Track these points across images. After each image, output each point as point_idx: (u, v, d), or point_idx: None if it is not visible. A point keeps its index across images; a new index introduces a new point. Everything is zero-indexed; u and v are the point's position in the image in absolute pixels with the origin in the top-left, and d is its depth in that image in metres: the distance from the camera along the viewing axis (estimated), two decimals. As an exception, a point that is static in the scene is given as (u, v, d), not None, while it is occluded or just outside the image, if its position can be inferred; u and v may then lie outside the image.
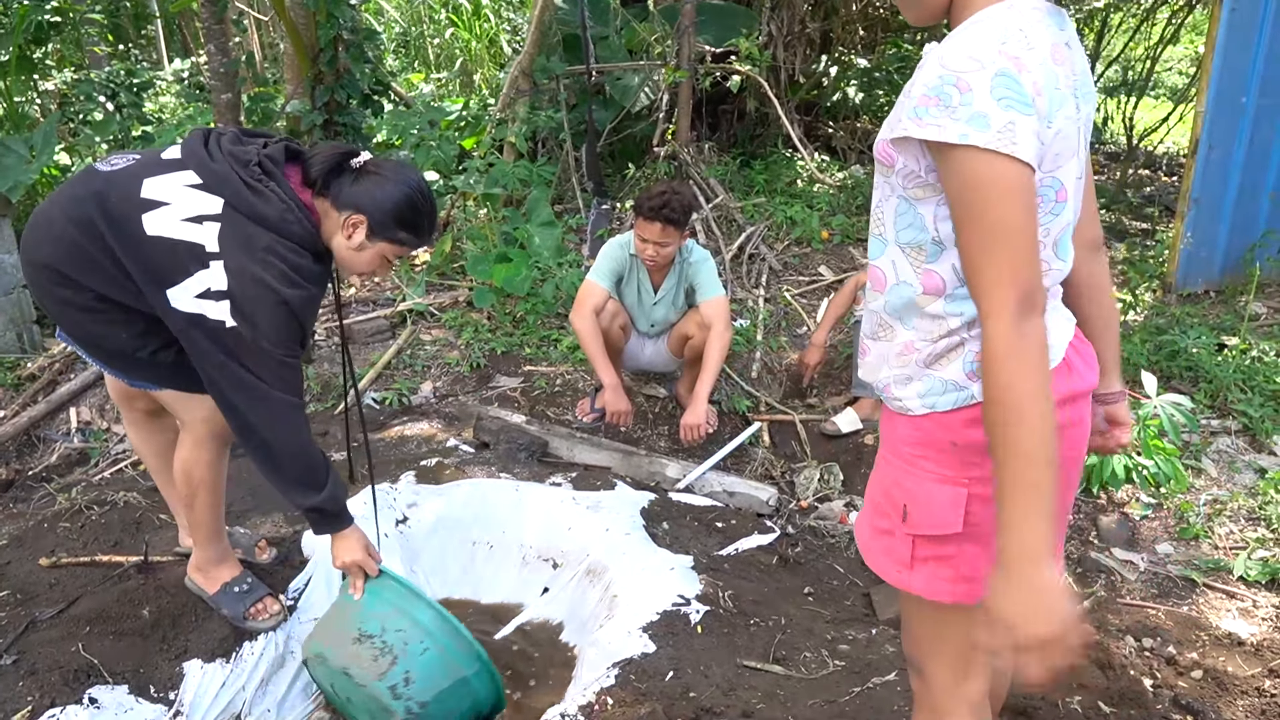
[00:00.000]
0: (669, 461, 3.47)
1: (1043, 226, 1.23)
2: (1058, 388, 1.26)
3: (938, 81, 1.13)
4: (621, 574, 2.58)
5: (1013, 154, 1.10)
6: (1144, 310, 4.73)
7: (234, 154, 1.97)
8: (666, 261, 3.48)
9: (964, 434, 1.28)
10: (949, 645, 1.41)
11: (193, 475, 2.25)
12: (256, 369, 1.93)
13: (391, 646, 2.05)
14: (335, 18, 5.63)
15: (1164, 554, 3.06)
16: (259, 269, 1.90)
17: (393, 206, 2.03)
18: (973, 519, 1.29)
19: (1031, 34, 1.17)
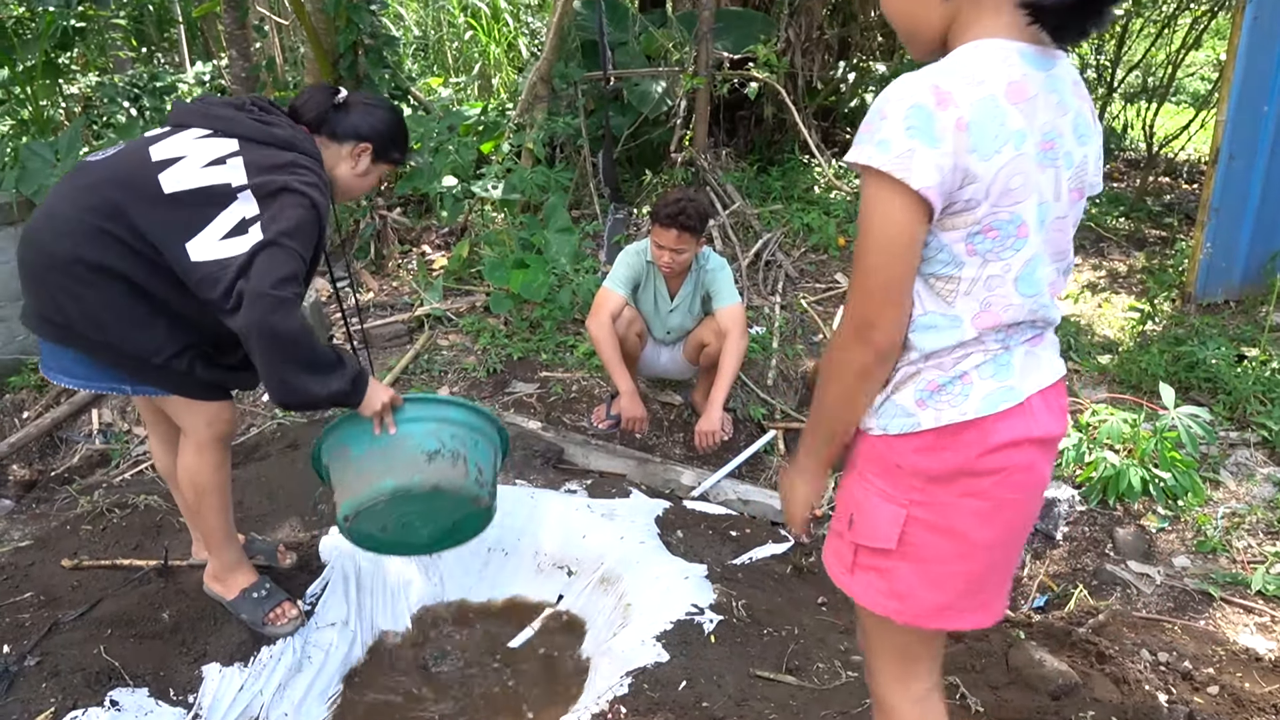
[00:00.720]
0: (684, 469, 3.48)
1: (1002, 261, 1.27)
2: (1011, 429, 1.32)
3: (872, 109, 1.23)
4: (635, 582, 2.59)
5: (905, 180, 1.18)
6: (1163, 320, 4.71)
7: (229, 102, 2.14)
8: (683, 269, 3.49)
9: (909, 459, 1.34)
10: (890, 646, 1.49)
11: (198, 481, 2.27)
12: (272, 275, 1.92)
13: (457, 451, 2.24)
14: (355, 23, 5.68)
15: (1181, 567, 3.05)
16: (288, 178, 2.03)
17: (388, 130, 2.29)
18: (908, 539, 1.36)
19: (988, 73, 1.21)
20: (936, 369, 1.32)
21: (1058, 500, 3.33)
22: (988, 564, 1.39)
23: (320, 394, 2.03)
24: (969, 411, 1.30)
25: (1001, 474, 1.32)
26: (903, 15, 1.33)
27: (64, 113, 7.37)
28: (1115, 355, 4.43)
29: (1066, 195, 1.32)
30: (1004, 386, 1.31)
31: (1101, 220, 6.53)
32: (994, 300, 1.29)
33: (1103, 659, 2.53)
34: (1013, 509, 1.37)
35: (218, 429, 2.23)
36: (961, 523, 1.34)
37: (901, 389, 1.34)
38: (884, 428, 1.36)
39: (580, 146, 6.15)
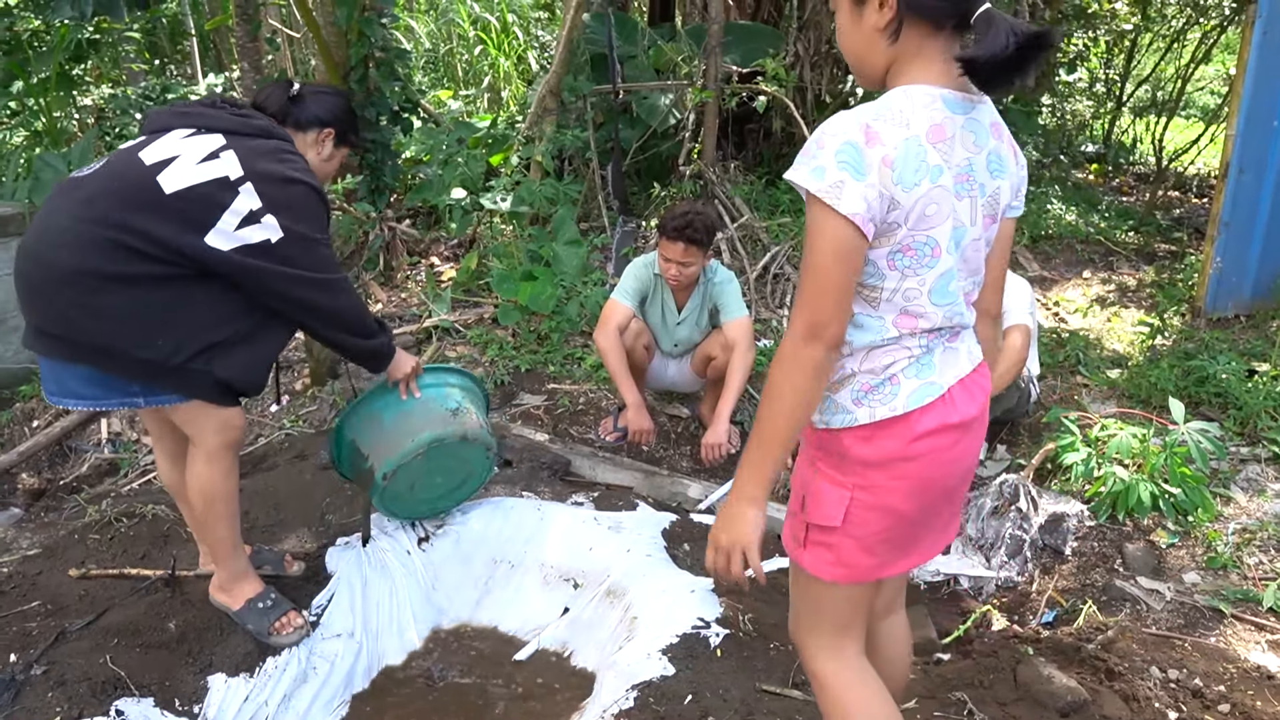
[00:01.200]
0: (691, 482, 3.47)
1: (918, 276, 1.46)
2: (933, 419, 1.52)
3: (811, 139, 1.40)
4: (642, 595, 2.58)
5: (835, 207, 1.34)
6: (1172, 334, 4.69)
7: (200, 103, 2.24)
8: (690, 281, 3.49)
9: (850, 449, 1.53)
10: (828, 615, 1.67)
11: (207, 489, 2.28)
12: (311, 264, 2.18)
13: (469, 408, 2.76)
14: (367, 36, 5.71)
15: (1191, 583, 3.02)
16: (283, 168, 2.14)
17: (344, 113, 2.45)
18: (851, 518, 1.54)
19: (913, 116, 1.40)
20: (869, 374, 1.51)
21: (1066, 515, 3.31)
22: (915, 526, 1.61)
23: (364, 348, 2.41)
24: (898, 407, 1.50)
25: (926, 457, 1.53)
26: (853, 52, 1.51)
27: (77, 124, 7.44)
28: (1124, 370, 4.42)
29: (981, 221, 1.52)
30: (926, 383, 1.52)
31: (1110, 234, 6.52)
32: (911, 307, 1.48)
33: (1112, 676, 2.51)
34: (936, 484, 1.58)
35: (227, 436, 2.24)
36: (893, 500, 1.54)
37: (837, 388, 1.53)
38: (826, 422, 1.55)
39: (589, 159, 6.17)
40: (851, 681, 1.67)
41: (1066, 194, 7.28)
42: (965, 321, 1.57)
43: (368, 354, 2.45)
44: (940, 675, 2.54)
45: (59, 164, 4.82)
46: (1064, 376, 4.42)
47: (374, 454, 2.63)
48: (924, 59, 1.43)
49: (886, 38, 1.43)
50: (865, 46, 1.48)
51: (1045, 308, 5.35)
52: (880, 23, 1.43)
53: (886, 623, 1.88)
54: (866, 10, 1.44)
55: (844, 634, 1.68)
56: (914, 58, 1.44)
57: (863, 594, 1.67)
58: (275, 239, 2.10)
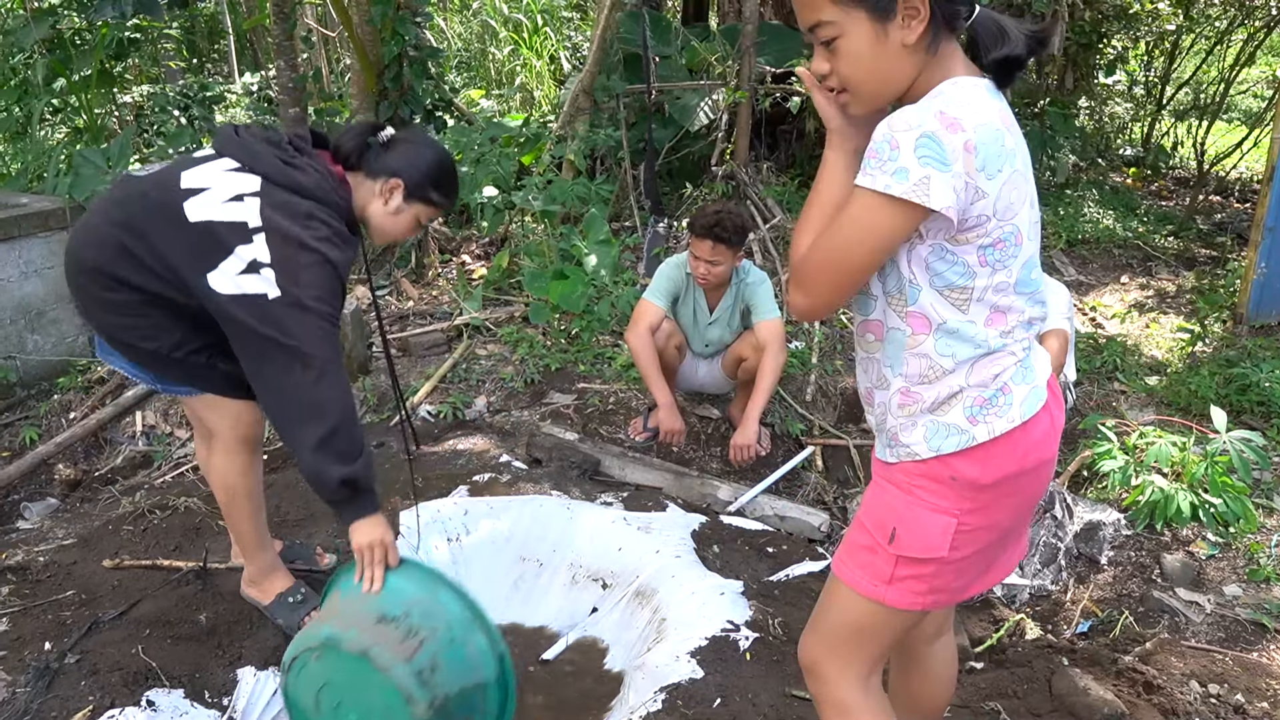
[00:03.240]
0: (721, 484, 3.45)
1: (1006, 269, 1.39)
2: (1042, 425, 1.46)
3: (880, 139, 1.31)
4: (670, 597, 2.57)
5: (924, 203, 1.28)
6: (1213, 341, 4.60)
7: (266, 137, 2.09)
8: (719, 281, 3.47)
9: (964, 471, 1.44)
10: (874, 643, 1.57)
11: (227, 482, 2.29)
12: (300, 334, 1.92)
13: (419, 629, 1.87)
14: (400, 35, 5.74)
15: (1232, 596, 2.96)
16: (302, 232, 1.97)
17: (426, 168, 2.18)
18: (956, 544, 1.46)
19: (980, 102, 1.34)
20: (979, 387, 1.43)
21: (1103, 524, 3.25)
22: (1005, 541, 1.56)
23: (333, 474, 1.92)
24: (1016, 418, 1.43)
25: (1038, 469, 1.48)
26: (876, 75, 1.39)
27: (117, 121, 7.54)
28: (1163, 376, 4.34)
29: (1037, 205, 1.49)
30: (1032, 388, 1.46)
31: (1149, 239, 6.42)
32: (1000, 303, 1.41)
33: (1150, 689, 2.45)
34: (1037, 492, 1.53)
35: (243, 431, 2.25)
36: (1000, 517, 1.49)
37: (945, 409, 1.45)
38: (937, 449, 1.45)
39: (621, 159, 6.16)
40: (879, 710, 1.60)
41: (1104, 197, 7.18)
42: (1041, 312, 1.51)
43: (329, 483, 1.93)
44: (973, 684, 2.50)
45: (98, 160, 4.88)
46: (1101, 382, 4.36)
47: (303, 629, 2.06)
48: (947, 58, 1.38)
49: (921, 51, 1.35)
50: (891, 67, 1.37)
51: (1082, 313, 5.27)
52: (911, 38, 1.33)
53: (938, 644, 1.82)
54: (891, 29, 1.33)
55: (879, 663, 1.62)
56: (940, 58, 1.38)
57: (919, 620, 1.60)
58: (271, 296, 1.92)
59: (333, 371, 1.95)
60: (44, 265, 4.49)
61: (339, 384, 1.97)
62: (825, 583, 1.66)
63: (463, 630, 1.91)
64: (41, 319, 4.53)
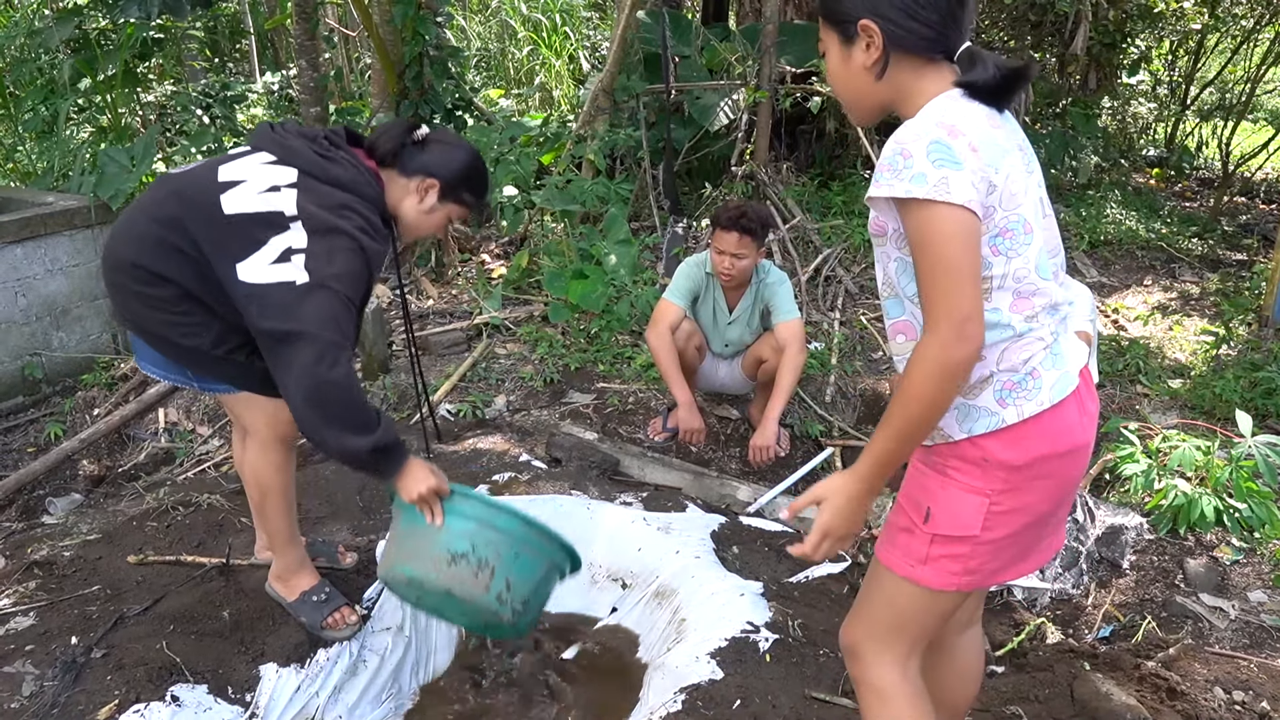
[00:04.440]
0: (740, 484, 3.45)
1: (1020, 256, 1.47)
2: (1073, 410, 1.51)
3: (890, 153, 1.40)
4: (690, 597, 2.57)
5: (948, 200, 1.35)
6: (1238, 345, 4.55)
7: (302, 132, 2.14)
8: (743, 277, 3.46)
9: (995, 452, 1.49)
10: (915, 625, 1.62)
11: (261, 479, 2.31)
12: (306, 316, 1.93)
13: (487, 560, 2.10)
14: (421, 35, 5.76)
15: (1257, 602, 2.93)
16: (338, 220, 2.02)
17: (461, 169, 2.24)
18: (989, 524, 1.51)
19: (969, 111, 1.44)
20: (1009, 371, 1.49)
21: (1125, 528, 3.23)
22: (1042, 525, 1.59)
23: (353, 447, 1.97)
24: (1045, 401, 1.48)
25: (1070, 455, 1.52)
26: (847, 91, 1.56)
27: (140, 120, 7.60)
28: (1187, 380, 4.30)
29: (1045, 199, 1.56)
30: (1063, 373, 1.51)
31: (1173, 240, 6.36)
32: (1023, 288, 1.47)
33: (1174, 695, 2.43)
34: (1073, 481, 1.57)
35: (279, 430, 2.26)
36: (1033, 499, 1.52)
37: (976, 393, 1.50)
38: (969, 430, 1.50)
39: (641, 159, 6.16)
40: (916, 695, 1.64)
41: (1126, 198, 7.12)
42: (1068, 297, 1.56)
43: (357, 456, 2.00)
44: (994, 688, 2.49)
45: (123, 159, 4.92)
46: (1123, 385, 4.32)
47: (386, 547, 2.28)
48: (930, 80, 1.48)
49: (874, 75, 1.48)
50: (857, 85, 1.53)
51: (1104, 315, 5.23)
52: (868, 61, 1.48)
53: (966, 635, 1.84)
54: (854, 51, 1.49)
55: (918, 646, 1.65)
56: (919, 82, 1.48)
57: (958, 603, 1.64)
58: (299, 282, 1.95)
59: (337, 353, 1.96)
60: (69, 263, 4.54)
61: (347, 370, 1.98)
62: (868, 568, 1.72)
63: (521, 543, 2.16)
64: (66, 316, 4.58)
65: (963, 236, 1.36)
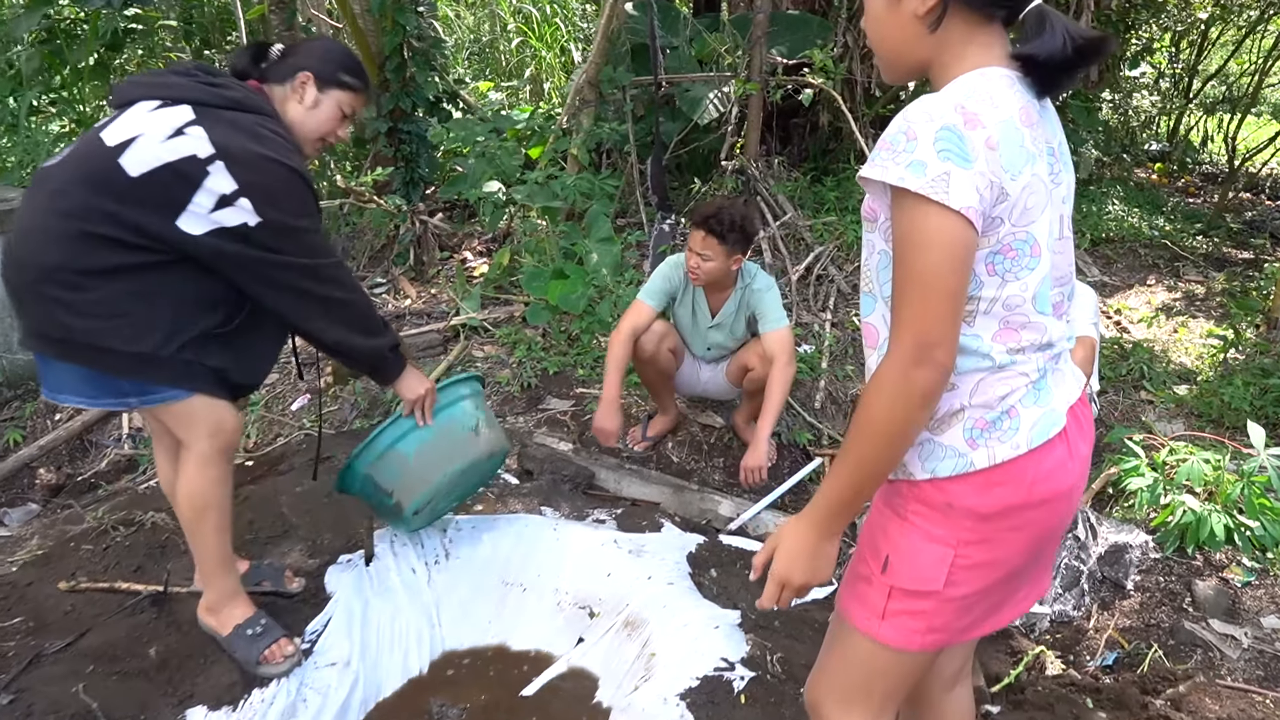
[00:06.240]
0: (722, 498, 3.26)
1: (1019, 281, 1.27)
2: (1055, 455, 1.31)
3: (894, 130, 1.21)
4: (661, 629, 2.38)
5: (944, 202, 1.15)
6: (1246, 348, 4.36)
7: (173, 71, 2.03)
8: (708, 278, 3.23)
9: (960, 499, 1.30)
10: (882, 685, 1.44)
11: (198, 496, 2.13)
12: (298, 251, 2.00)
13: (481, 419, 2.63)
14: (401, 26, 5.57)
15: (1271, 629, 2.75)
16: (259, 146, 1.94)
17: (326, 54, 2.19)
18: (954, 579, 1.32)
19: (999, 97, 1.23)
20: (982, 408, 1.30)
21: (1129, 546, 3.04)
22: (1018, 577, 1.41)
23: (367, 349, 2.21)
24: (1021, 444, 1.30)
25: (1049, 503, 1.33)
26: (888, 41, 1.34)
27: (119, 113, 7.39)
28: (1193, 385, 4.11)
29: (1066, 218, 1.36)
30: (1046, 411, 1.32)
31: (1176, 238, 6.16)
32: (1012, 319, 1.29)
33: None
34: (1053, 531, 1.40)
35: (220, 440, 2.09)
36: (1006, 553, 1.35)
37: (944, 428, 1.32)
38: (932, 470, 1.32)
39: (627, 153, 5.97)
40: None
41: (1128, 194, 6.93)
42: (1067, 333, 1.38)
43: (371, 355, 2.25)
44: (989, 731, 2.31)
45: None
46: (1127, 392, 4.13)
47: (399, 489, 2.50)
48: (979, 47, 1.27)
49: (926, 26, 1.28)
50: (902, 35, 1.31)
51: (1107, 316, 5.04)
52: (921, 9, 1.27)
53: (954, 694, 1.66)
54: None
55: (888, 706, 1.47)
56: (966, 46, 1.28)
57: (925, 663, 1.46)
58: (253, 223, 1.92)
59: (335, 271, 2.09)
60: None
61: (349, 276, 2.15)
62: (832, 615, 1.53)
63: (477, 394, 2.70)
64: (23, 318, 4.39)
65: (951, 248, 1.17)
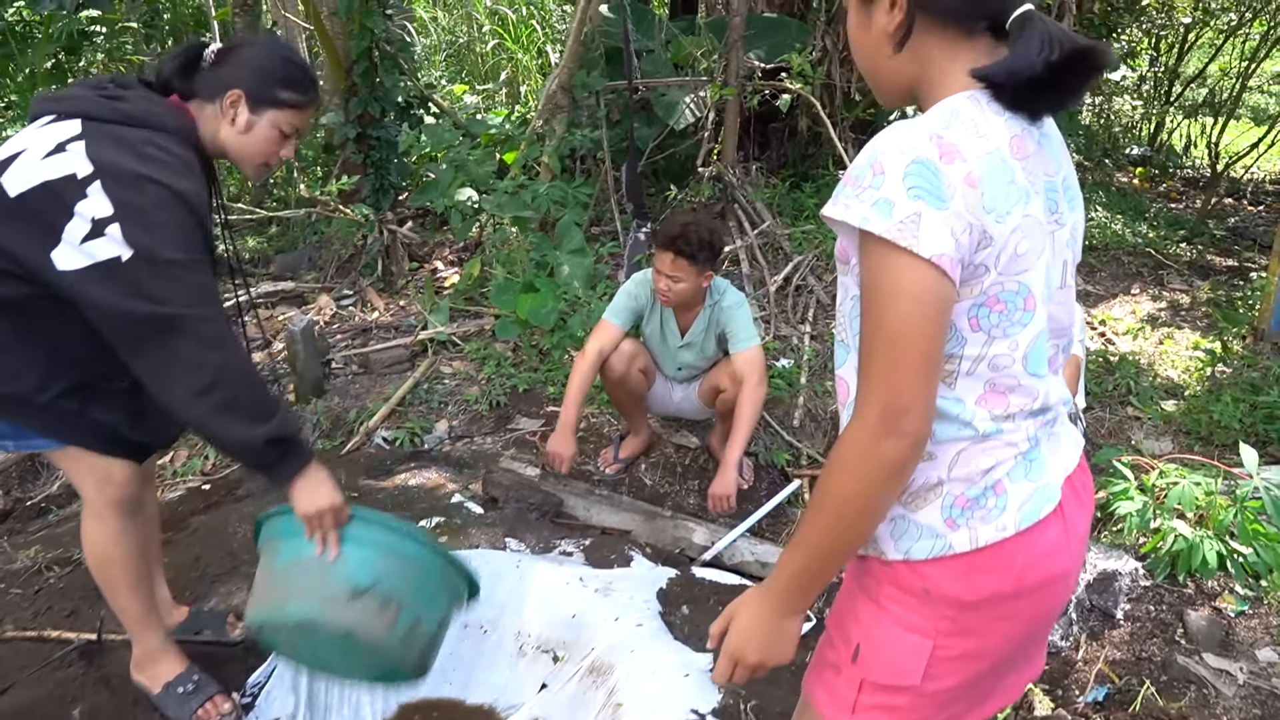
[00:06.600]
0: (696, 525, 3.11)
1: (1009, 338, 1.12)
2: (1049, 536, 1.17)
3: (861, 163, 1.07)
4: (628, 676, 2.24)
5: (912, 248, 1.01)
6: (1234, 360, 4.27)
7: (80, 84, 1.79)
8: (680, 299, 3.09)
9: (940, 585, 1.16)
10: None
11: (97, 551, 1.97)
12: (168, 293, 1.64)
13: (391, 595, 1.80)
14: (369, 29, 5.41)
15: (1267, 663, 2.63)
16: (141, 166, 1.66)
17: (261, 67, 1.84)
18: (932, 672, 1.19)
19: (985, 124, 1.08)
20: (963, 482, 1.15)
21: (1119, 574, 2.93)
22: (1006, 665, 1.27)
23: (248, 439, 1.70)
24: (1008, 526, 1.15)
25: (1042, 589, 1.19)
26: (866, 63, 1.22)
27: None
28: (1181, 400, 4.01)
29: (1070, 263, 1.22)
30: (1039, 486, 1.17)
31: (1160, 245, 6.08)
32: (999, 380, 1.14)
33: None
34: (1047, 618, 1.27)
35: (111, 493, 1.92)
36: (993, 643, 1.20)
37: (920, 504, 1.17)
38: (906, 552, 1.17)
39: (602, 160, 5.82)
40: None
41: (1111, 199, 6.84)
42: (1063, 394, 1.23)
43: (243, 448, 1.73)
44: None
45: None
46: (1113, 408, 4.02)
47: (253, 593, 1.92)
48: (963, 65, 1.12)
49: (893, 45, 1.15)
50: (879, 56, 1.18)
51: (1091, 327, 4.94)
52: (890, 26, 1.14)
53: None
54: (875, 11, 1.16)
55: None
56: (950, 62, 1.13)
57: None
58: (125, 257, 1.62)
59: (214, 328, 1.70)
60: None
61: (232, 340, 1.74)
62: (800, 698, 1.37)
63: (430, 576, 1.87)
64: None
65: (922, 300, 1.02)
